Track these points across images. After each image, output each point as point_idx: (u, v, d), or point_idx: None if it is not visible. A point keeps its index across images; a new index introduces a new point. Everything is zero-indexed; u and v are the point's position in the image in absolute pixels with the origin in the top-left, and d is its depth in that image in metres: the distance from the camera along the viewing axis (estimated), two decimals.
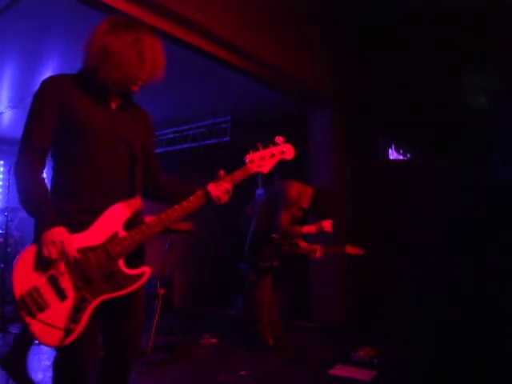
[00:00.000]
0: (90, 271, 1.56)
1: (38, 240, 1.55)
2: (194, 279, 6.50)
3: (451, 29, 4.70)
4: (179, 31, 3.48)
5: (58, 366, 1.67)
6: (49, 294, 1.51)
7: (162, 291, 3.73)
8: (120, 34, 1.62)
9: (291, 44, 4.45)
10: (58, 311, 1.50)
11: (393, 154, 6.42)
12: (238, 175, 1.78)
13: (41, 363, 3.32)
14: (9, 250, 5.16)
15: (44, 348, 3.63)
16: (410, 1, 4.45)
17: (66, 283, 1.53)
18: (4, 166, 7.35)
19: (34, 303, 1.49)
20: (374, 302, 4.83)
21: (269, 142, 1.84)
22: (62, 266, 1.53)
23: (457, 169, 5.21)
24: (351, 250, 3.98)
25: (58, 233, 1.53)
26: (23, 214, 6.77)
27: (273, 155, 1.82)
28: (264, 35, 4.09)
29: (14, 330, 4.15)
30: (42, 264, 1.52)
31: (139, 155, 1.75)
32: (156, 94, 1.73)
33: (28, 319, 1.47)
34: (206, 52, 3.80)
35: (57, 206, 1.60)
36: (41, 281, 1.51)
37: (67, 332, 1.50)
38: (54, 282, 1.52)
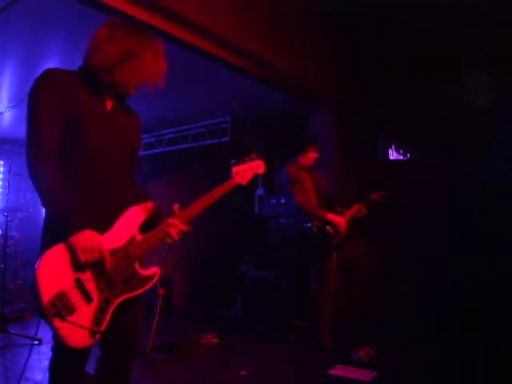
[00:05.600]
0: (113, 273, 1.59)
1: (53, 241, 1.52)
2: (193, 279, 6.50)
3: (452, 28, 4.70)
4: (179, 31, 3.48)
5: (55, 367, 1.68)
6: (76, 298, 1.52)
7: (162, 291, 3.72)
8: (139, 37, 1.66)
9: (291, 44, 4.44)
10: (85, 314, 1.54)
11: (393, 154, 6.42)
12: (227, 186, 1.90)
13: (41, 363, 3.33)
14: (8, 250, 5.15)
15: (44, 348, 3.63)
16: (411, 0, 4.45)
17: (91, 286, 1.56)
18: (4, 165, 7.33)
19: (64, 307, 1.49)
20: (374, 301, 4.82)
21: (244, 155, 2.01)
22: (90, 269, 1.55)
23: (457, 169, 5.21)
24: (376, 195, 3.95)
25: (92, 236, 1.53)
26: (23, 214, 6.71)
27: (251, 169, 2.01)
28: (264, 36, 4.09)
29: (14, 330, 4.15)
30: (71, 267, 1.52)
31: (139, 156, 1.78)
32: (156, 94, 1.74)
33: (58, 323, 1.47)
34: (206, 52, 3.79)
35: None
36: (68, 284, 1.52)
37: (93, 333, 1.54)
38: (80, 285, 1.54)
